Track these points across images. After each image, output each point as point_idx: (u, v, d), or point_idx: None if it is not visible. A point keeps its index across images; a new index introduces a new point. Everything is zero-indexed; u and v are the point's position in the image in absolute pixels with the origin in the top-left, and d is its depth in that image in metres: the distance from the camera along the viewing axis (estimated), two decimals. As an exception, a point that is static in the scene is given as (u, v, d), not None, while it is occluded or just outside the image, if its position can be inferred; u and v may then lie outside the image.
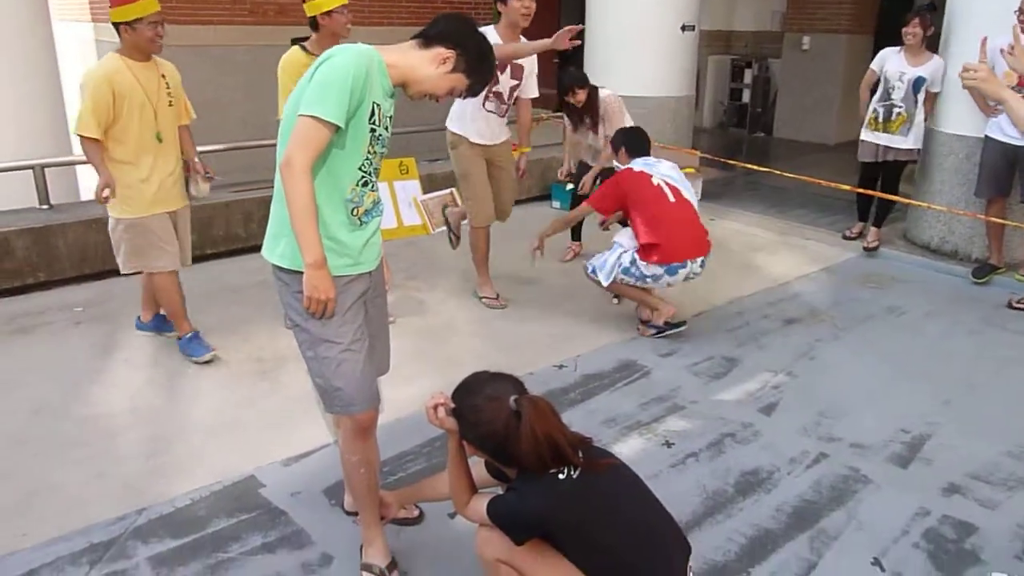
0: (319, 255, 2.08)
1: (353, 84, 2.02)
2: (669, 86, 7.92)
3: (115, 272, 4.98)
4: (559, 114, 7.78)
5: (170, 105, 3.77)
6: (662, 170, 4.24)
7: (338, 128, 2.04)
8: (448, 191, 5.60)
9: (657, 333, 4.29)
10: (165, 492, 2.87)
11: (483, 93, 4.52)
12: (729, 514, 2.82)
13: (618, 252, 4.24)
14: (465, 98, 2.43)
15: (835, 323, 4.59)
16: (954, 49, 5.49)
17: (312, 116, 2.01)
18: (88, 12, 8.22)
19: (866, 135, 5.74)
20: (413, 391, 3.52)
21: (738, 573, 2.52)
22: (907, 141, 5.57)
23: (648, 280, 4.16)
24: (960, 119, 5.49)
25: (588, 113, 5.19)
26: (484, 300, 4.68)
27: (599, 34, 8.02)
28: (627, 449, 3.20)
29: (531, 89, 4.64)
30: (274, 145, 2.21)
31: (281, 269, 2.19)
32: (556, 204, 7.09)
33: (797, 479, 3.04)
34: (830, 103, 10.42)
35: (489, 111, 4.50)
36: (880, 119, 5.62)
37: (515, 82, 4.47)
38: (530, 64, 4.53)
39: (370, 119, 2.11)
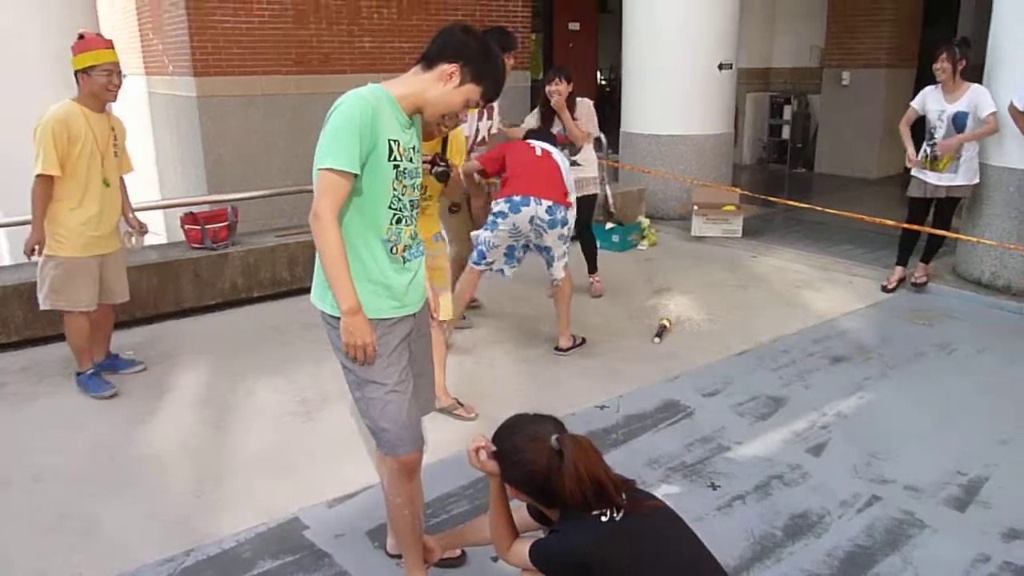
0: (354, 302, 2.12)
1: (360, 129, 2.05)
2: (707, 124, 7.95)
3: (164, 315, 5.17)
4: (597, 154, 7.85)
5: (115, 155, 4.00)
6: (546, 146, 4.46)
7: (356, 174, 2.08)
8: None
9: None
10: (212, 532, 2.90)
11: (470, 147, 4.64)
12: (778, 559, 2.75)
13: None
14: (483, 107, 2.42)
15: (884, 361, 4.49)
16: (1002, 79, 5.40)
17: (326, 168, 2.05)
18: (142, 66, 8.58)
19: (916, 172, 5.60)
20: (455, 432, 3.53)
21: (789, 620, 2.45)
22: (956, 178, 5.42)
23: (498, 223, 4.20)
24: (1009, 151, 5.39)
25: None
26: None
27: (636, 73, 8.11)
28: (671, 491, 3.15)
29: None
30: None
31: (331, 315, 2.23)
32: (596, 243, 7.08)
33: (849, 522, 2.96)
34: (871, 137, 10.33)
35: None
36: (928, 159, 5.49)
37: (489, 122, 4.68)
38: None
39: (389, 157, 2.13)
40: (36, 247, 3.85)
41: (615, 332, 4.96)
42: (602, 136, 7.76)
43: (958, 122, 5.32)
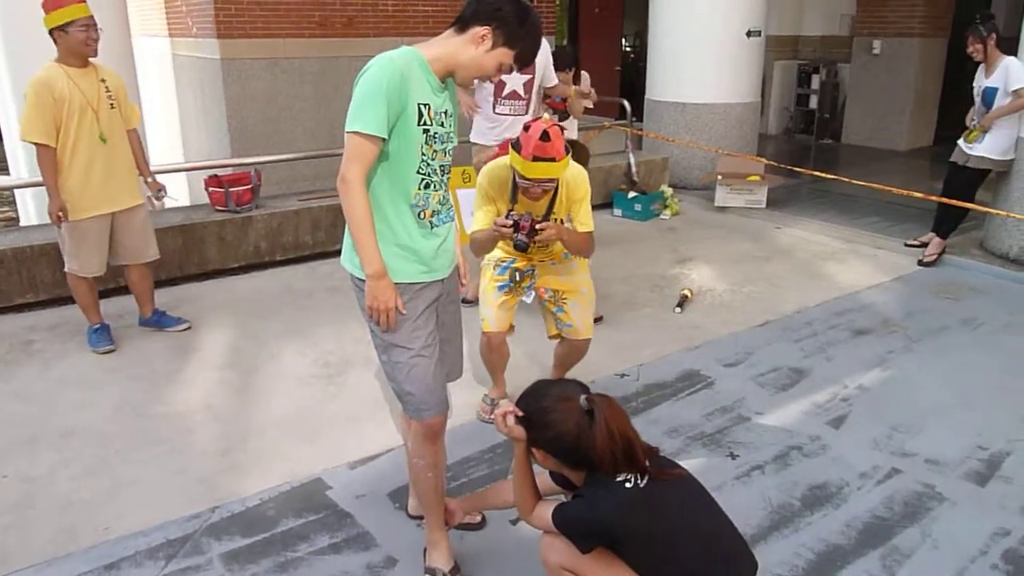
0: (379, 267, 2.12)
1: (388, 93, 2.03)
2: (734, 92, 7.83)
3: (188, 277, 5.23)
4: (622, 122, 7.79)
5: (112, 108, 3.95)
6: None
7: (384, 138, 2.07)
8: None
9: None
10: (237, 491, 2.96)
11: (491, 101, 4.59)
12: (796, 528, 2.76)
13: None
14: (519, 71, 2.36)
15: (908, 334, 4.46)
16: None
17: (354, 132, 2.05)
18: (166, 27, 8.56)
19: (960, 140, 5.66)
20: (476, 397, 3.55)
21: (806, 589, 2.47)
22: (976, 149, 5.43)
23: None
24: (1042, 124, 5.28)
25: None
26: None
27: (663, 40, 7.98)
28: (691, 460, 3.16)
29: (550, 78, 4.72)
30: (340, 154, 2.26)
31: (359, 278, 2.24)
32: (618, 212, 7.06)
33: (868, 494, 2.96)
34: (901, 109, 10.13)
35: (504, 114, 4.55)
36: (967, 131, 5.56)
37: (528, 76, 4.51)
38: (543, 55, 4.56)
39: (419, 121, 2.11)
40: (60, 214, 3.86)
41: (636, 301, 4.95)
42: (626, 103, 7.69)
43: (986, 97, 5.33)
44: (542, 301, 3.37)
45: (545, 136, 2.73)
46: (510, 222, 2.89)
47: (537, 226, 2.90)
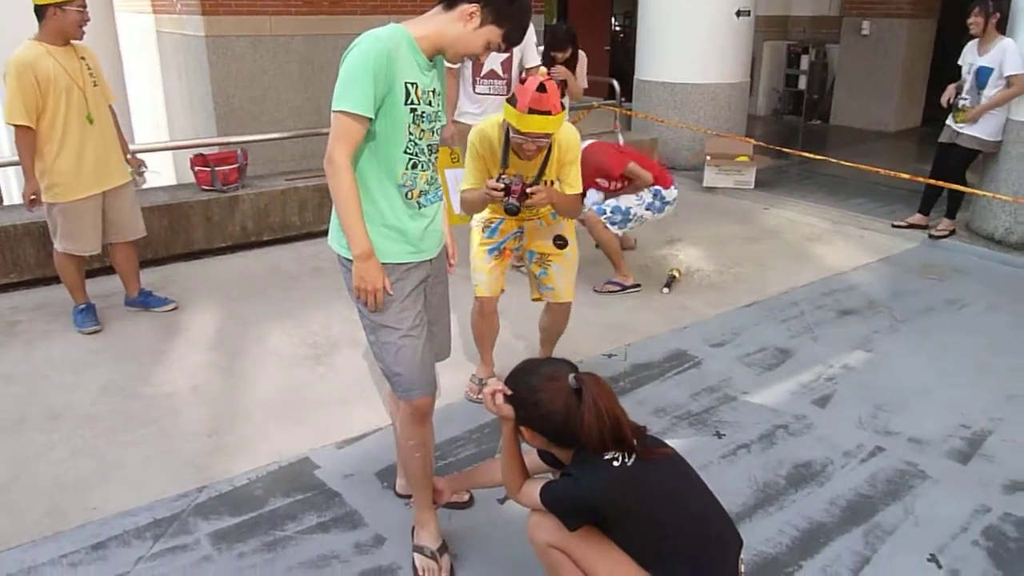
0: (366, 247, 2.11)
1: (375, 72, 2.00)
2: (723, 73, 7.82)
3: (175, 257, 5.20)
4: (611, 102, 7.76)
5: (95, 85, 3.92)
6: None
7: (371, 118, 2.05)
8: None
9: (620, 290, 4.76)
10: (225, 471, 2.96)
11: (471, 79, 4.54)
12: (781, 506, 2.79)
13: (634, 200, 4.72)
14: (506, 50, 2.33)
15: (893, 315, 4.49)
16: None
17: (340, 111, 2.03)
18: (149, 4, 8.43)
19: (948, 120, 5.68)
20: (464, 377, 3.56)
21: (789, 566, 2.50)
22: (970, 128, 5.44)
23: (667, 207, 4.79)
24: (1028, 105, 5.30)
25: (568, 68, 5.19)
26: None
27: (652, 19, 7.95)
28: (677, 439, 3.18)
29: (530, 58, 4.64)
30: (327, 134, 2.23)
31: (346, 258, 2.23)
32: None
33: (852, 472, 2.99)
34: (890, 90, 10.14)
35: (484, 94, 4.49)
36: (956, 109, 5.57)
37: (506, 55, 4.43)
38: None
39: (406, 100, 2.09)
40: (33, 197, 3.83)
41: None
42: (615, 83, 7.66)
43: (980, 77, 5.31)
44: (521, 260, 3.40)
45: (542, 88, 2.70)
46: (501, 185, 2.84)
47: (528, 190, 2.85)
